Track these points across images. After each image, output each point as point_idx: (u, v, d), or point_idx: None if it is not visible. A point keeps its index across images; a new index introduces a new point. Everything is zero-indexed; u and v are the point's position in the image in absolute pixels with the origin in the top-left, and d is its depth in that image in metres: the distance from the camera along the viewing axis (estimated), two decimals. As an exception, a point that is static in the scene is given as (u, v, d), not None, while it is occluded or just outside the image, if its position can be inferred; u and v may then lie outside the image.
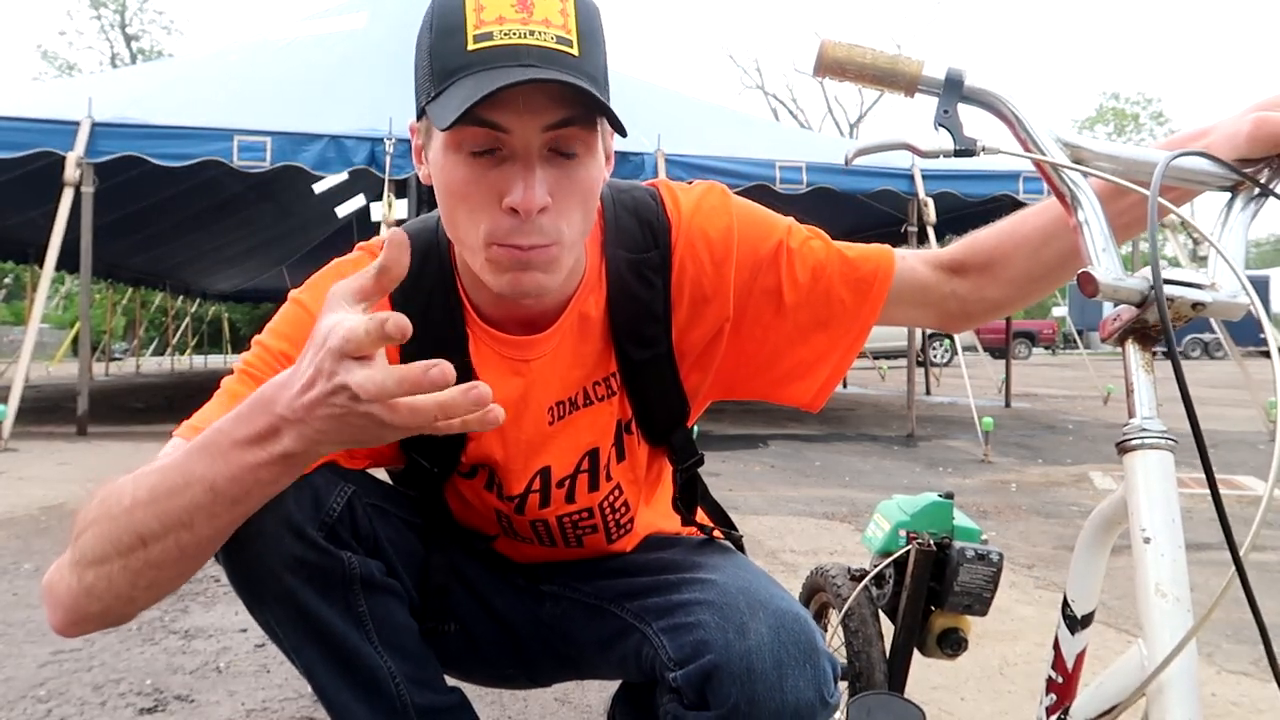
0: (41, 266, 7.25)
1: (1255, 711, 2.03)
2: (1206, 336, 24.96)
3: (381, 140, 6.83)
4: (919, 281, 1.02)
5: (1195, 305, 0.68)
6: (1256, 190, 0.76)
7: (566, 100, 0.76)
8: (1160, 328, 0.70)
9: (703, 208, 0.99)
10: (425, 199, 8.79)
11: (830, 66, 0.82)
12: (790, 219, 1.03)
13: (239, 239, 15.74)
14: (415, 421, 0.63)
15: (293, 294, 0.95)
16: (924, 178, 7.86)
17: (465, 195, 0.80)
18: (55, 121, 6.72)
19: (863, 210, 9.98)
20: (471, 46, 0.75)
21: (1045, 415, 9.57)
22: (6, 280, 16.41)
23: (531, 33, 0.75)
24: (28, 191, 8.75)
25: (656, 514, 1.14)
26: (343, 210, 15.21)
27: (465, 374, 0.90)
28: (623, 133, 0.79)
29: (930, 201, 7.80)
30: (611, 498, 1.04)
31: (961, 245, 1.02)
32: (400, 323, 0.62)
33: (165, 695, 2.04)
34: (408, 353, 0.80)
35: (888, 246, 1.03)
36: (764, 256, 0.99)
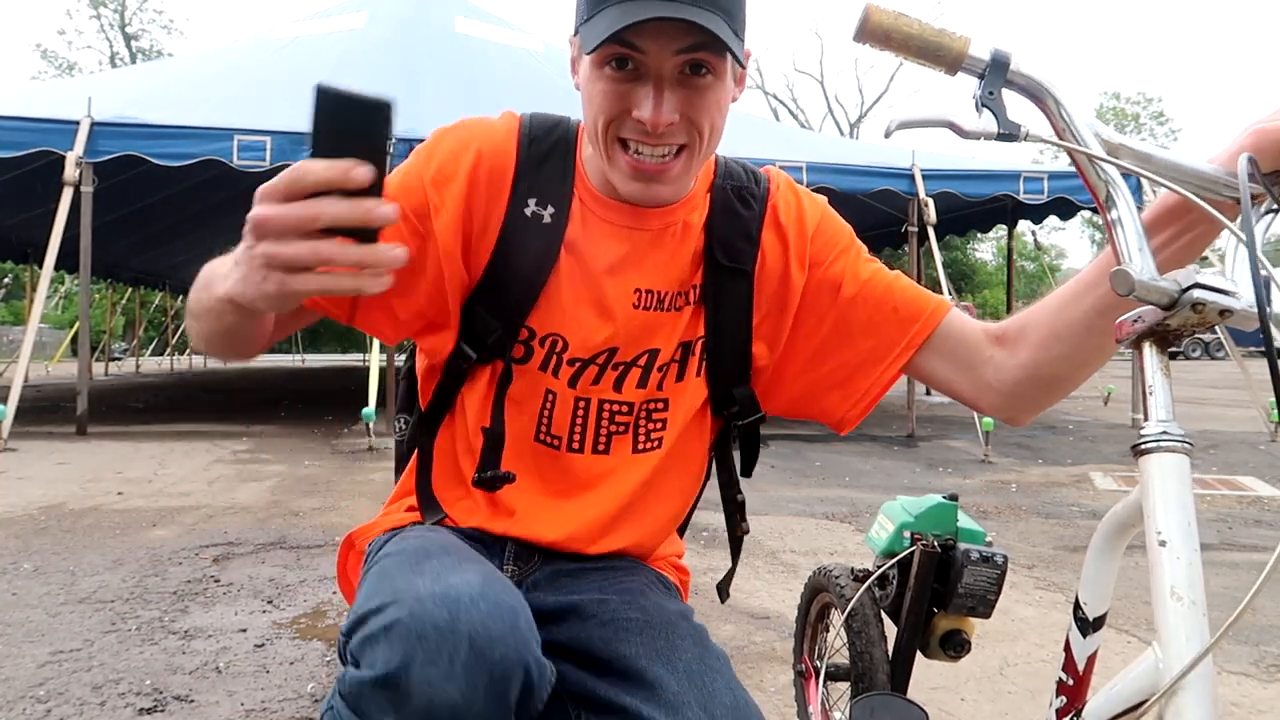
0: (41, 266, 7.25)
1: (1255, 712, 2.02)
2: (1207, 337, 24.97)
3: (381, 140, 6.83)
4: (967, 337, 1.04)
5: (1223, 312, 0.68)
6: (1266, 204, 0.76)
7: (697, 30, 0.85)
8: (1182, 332, 0.70)
9: (799, 188, 1.12)
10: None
11: (874, 33, 0.78)
12: (862, 244, 1.12)
13: (239, 239, 15.68)
14: (283, 224, 0.66)
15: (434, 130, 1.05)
16: (924, 178, 7.86)
17: (603, 105, 0.92)
18: (55, 121, 6.72)
19: (863, 210, 9.98)
20: None
21: (1045, 415, 9.56)
22: (6, 280, 16.40)
23: None
24: (27, 191, 8.76)
25: (686, 460, 1.11)
26: (342, 210, 15.21)
27: (560, 221, 1.01)
28: (741, 65, 0.92)
29: (930, 201, 7.81)
30: (652, 405, 1.06)
31: (1006, 319, 1.07)
32: (365, 173, 0.65)
33: (165, 695, 2.04)
34: (517, 190, 0.99)
35: (943, 297, 1.09)
36: (837, 250, 1.08)
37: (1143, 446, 0.68)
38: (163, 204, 11.33)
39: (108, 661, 2.24)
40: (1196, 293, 0.67)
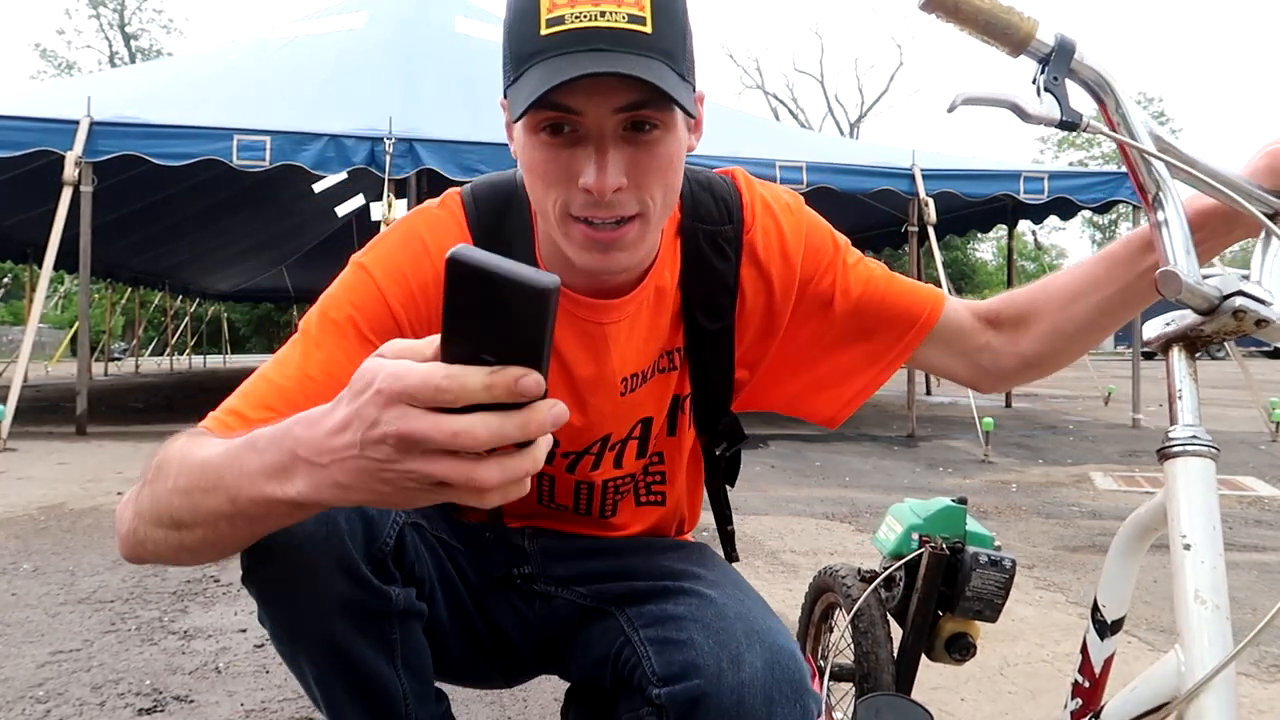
0: (40, 266, 7.25)
1: (1256, 712, 2.02)
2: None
3: (381, 140, 6.83)
4: (959, 324, 1.04)
5: (1260, 321, 0.68)
6: None
7: (638, 84, 0.76)
8: (1214, 338, 0.70)
9: (779, 202, 1.02)
10: (426, 199, 8.80)
11: (942, 3, 0.73)
12: (845, 238, 1.06)
13: (238, 239, 15.73)
14: (466, 478, 0.51)
15: (355, 258, 0.94)
16: (924, 177, 7.86)
17: (543, 174, 0.82)
18: (54, 120, 6.71)
19: (863, 210, 9.97)
20: (544, 31, 0.76)
21: (1046, 415, 9.57)
22: (5, 280, 16.39)
23: (603, 14, 0.75)
24: (26, 191, 8.75)
25: (685, 501, 1.15)
26: (342, 210, 15.21)
27: None
28: (691, 115, 0.81)
29: (930, 201, 7.80)
30: (649, 462, 1.07)
31: (998, 298, 1.05)
32: (559, 412, 0.52)
33: (164, 696, 2.04)
34: None
35: (936, 288, 1.06)
36: (824, 264, 1.02)
37: (1169, 450, 0.68)
38: (163, 204, 11.32)
39: (107, 662, 2.24)
40: (1239, 300, 0.67)
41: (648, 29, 0.76)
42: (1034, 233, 12.11)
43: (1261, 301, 0.68)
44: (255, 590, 0.85)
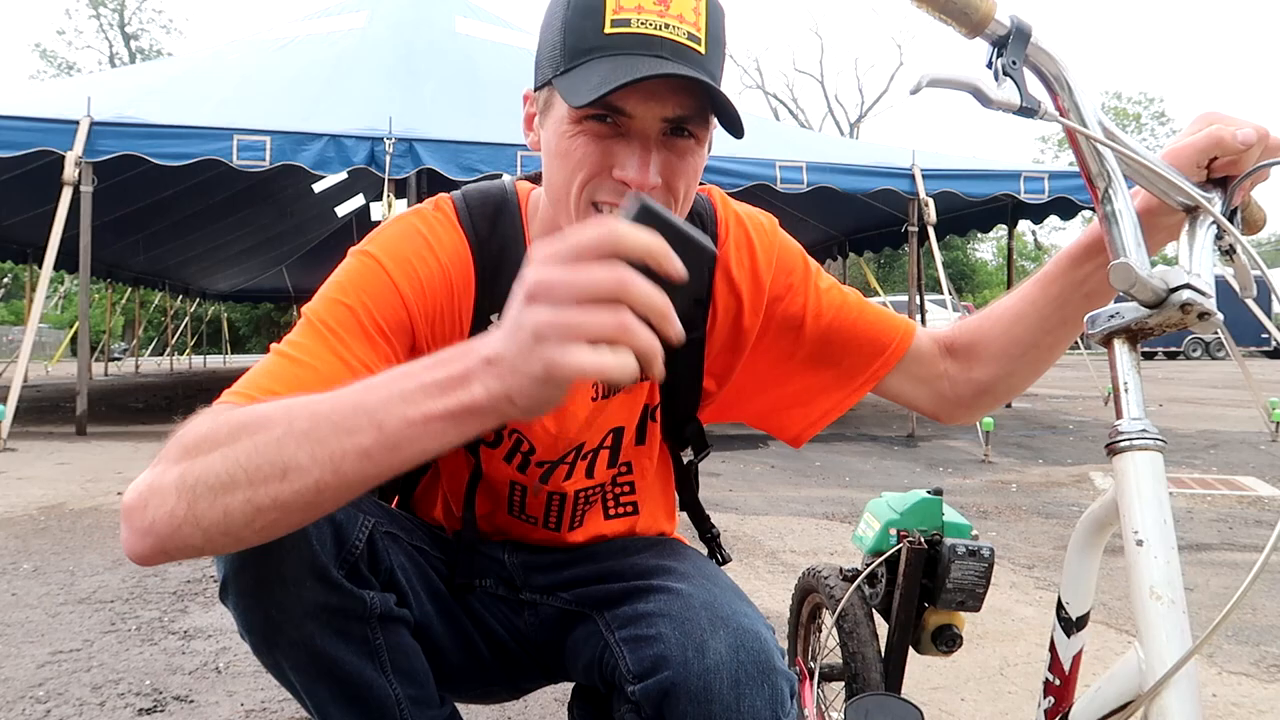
0: (40, 266, 7.25)
1: (1256, 713, 2.02)
2: (1208, 336, 24.99)
3: (381, 140, 6.83)
4: (923, 354, 1.05)
5: (1203, 315, 0.68)
6: (1213, 215, 0.77)
7: (690, 94, 0.80)
8: (1156, 331, 0.70)
9: (753, 222, 1.05)
10: (426, 199, 8.78)
11: None
12: (817, 263, 1.08)
13: (238, 239, 15.73)
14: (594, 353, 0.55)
15: (357, 249, 0.92)
16: (924, 177, 7.86)
17: (579, 159, 0.83)
18: (54, 120, 6.71)
19: (863, 210, 9.98)
20: (609, 30, 0.79)
21: (1046, 415, 9.56)
22: (5, 280, 16.39)
23: (666, 25, 0.79)
24: (26, 191, 8.75)
25: (659, 506, 1.17)
26: (342, 210, 15.21)
27: None
28: (740, 134, 0.82)
29: (930, 201, 7.80)
30: (617, 472, 1.09)
31: (955, 327, 1.07)
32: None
33: (164, 696, 2.04)
34: (480, 308, 0.92)
35: (908, 319, 1.07)
36: (795, 285, 1.04)
37: (1118, 445, 0.68)
38: (162, 203, 11.32)
39: (107, 662, 2.24)
40: (1187, 293, 0.67)
41: (702, 49, 0.80)
42: (1034, 233, 12.12)
43: (1205, 294, 0.68)
44: (231, 603, 0.87)
